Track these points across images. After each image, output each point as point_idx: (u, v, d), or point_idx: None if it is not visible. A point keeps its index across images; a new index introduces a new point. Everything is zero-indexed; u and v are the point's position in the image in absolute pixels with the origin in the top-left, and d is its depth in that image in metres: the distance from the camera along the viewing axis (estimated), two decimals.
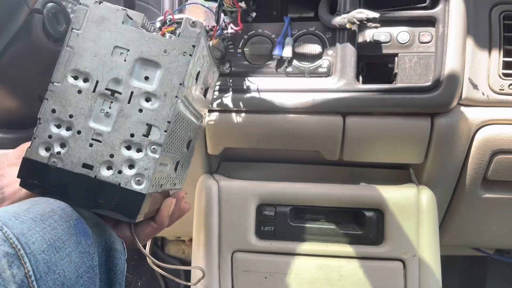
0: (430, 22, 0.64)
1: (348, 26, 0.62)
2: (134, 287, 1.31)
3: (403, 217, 0.66)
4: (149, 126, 0.40)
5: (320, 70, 0.65)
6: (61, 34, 0.62)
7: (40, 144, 0.39)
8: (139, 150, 0.40)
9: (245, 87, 0.66)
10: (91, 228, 0.40)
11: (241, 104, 0.66)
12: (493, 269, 1.25)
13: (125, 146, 0.40)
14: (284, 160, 0.76)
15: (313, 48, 0.65)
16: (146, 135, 0.40)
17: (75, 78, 0.40)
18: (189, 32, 0.40)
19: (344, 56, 0.64)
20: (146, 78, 0.40)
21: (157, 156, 0.40)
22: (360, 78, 0.66)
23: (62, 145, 0.40)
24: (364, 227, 0.67)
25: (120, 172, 0.40)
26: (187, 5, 0.62)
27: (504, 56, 0.65)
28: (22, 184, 0.41)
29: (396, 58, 0.65)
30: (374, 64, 0.69)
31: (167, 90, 0.40)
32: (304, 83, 0.65)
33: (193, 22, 0.40)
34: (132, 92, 0.40)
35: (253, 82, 0.66)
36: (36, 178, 0.40)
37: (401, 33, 0.64)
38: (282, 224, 0.68)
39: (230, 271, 0.68)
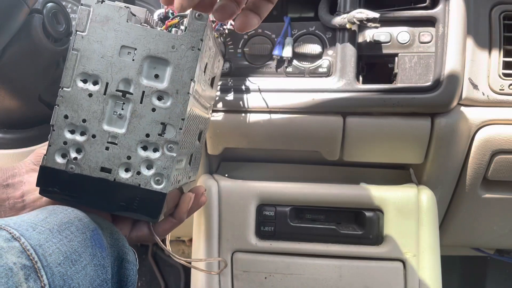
0: (430, 22, 0.64)
1: (348, 26, 0.62)
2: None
3: (403, 217, 0.66)
4: (164, 125, 0.39)
5: (320, 70, 0.65)
6: (61, 34, 0.62)
7: (56, 151, 0.39)
8: (155, 150, 0.40)
9: (245, 87, 0.66)
10: (106, 239, 0.39)
11: (241, 104, 0.66)
12: (493, 269, 1.25)
13: (141, 147, 0.39)
14: (284, 160, 0.76)
15: (313, 48, 0.65)
16: (162, 134, 0.39)
17: (84, 81, 0.39)
18: (195, 25, 0.39)
19: (344, 56, 0.64)
20: (156, 76, 0.39)
21: (174, 154, 0.40)
22: (360, 78, 0.66)
23: (78, 151, 0.39)
24: (364, 227, 0.67)
25: (138, 173, 0.39)
26: None
27: (504, 56, 0.65)
28: (42, 192, 0.40)
29: (396, 58, 0.65)
30: (374, 64, 0.70)
31: (178, 87, 0.39)
32: (304, 83, 0.65)
33: (198, 15, 0.39)
34: (143, 92, 0.39)
35: (253, 82, 0.66)
36: (56, 185, 0.39)
37: (401, 33, 0.64)
38: (282, 224, 0.68)
39: (230, 271, 0.68)
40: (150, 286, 1.33)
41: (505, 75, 0.64)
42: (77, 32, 0.39)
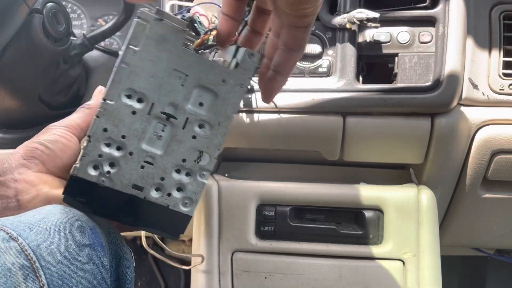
0: (430, 22, 0.65)
1: (348, 26, 0.62)
2: (134, 287, 1.31)
3: (403, 217, 0.66)
4: (201, 153, 0.40)
5: (320, 70, 0.65)
6: (61, 34, 0.62)
7: (89, 163, 0.38)
8: (188, 174, 0.40)
9: None
10: (104, 237, 0.39)
11: (241, 104, 0.66)
12: (493, 269, 1.25)
13: (175, 170, 0.40)
14: (284, 160, 0.76)
15: (313, 48, 0.65)
16: (197, 161, 0.40)
17: (129, 97, 0.38)
18: (248, 64, 0.39)
19: (344, 56, 0.64)
20: (201, 104, 0.39)
21: (205, 181, 0.40)
22: (360, 78, 0.66)
23: (112, 165, 0.38)
24: (364, 227, 0.67)
25: (169, 194, 0.40)
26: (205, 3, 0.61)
27: (504, 56, 0.65)
28: (67, 201, 0.39)
29: (396, 58, 0.65)
30: (374, 64, 0.70)
31: (221, 120, 0.40)
32: (304, 83, 0.65)
33: (252, 54, 0.39)
34: (187, 118, 0.39)
35: (253, 82, 0.66)
36: (83, 196, 0.39)
37: (401, 33, 0.64)
38: (282, 224, 0.68)
39: (230, 271, 0.68)
40: (150, 286, 1.33)
41: (505, 75, 0.64)
42: (129, 46, 0.37)
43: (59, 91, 0.69)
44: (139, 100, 0.38)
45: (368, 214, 0.67)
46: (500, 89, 0.65)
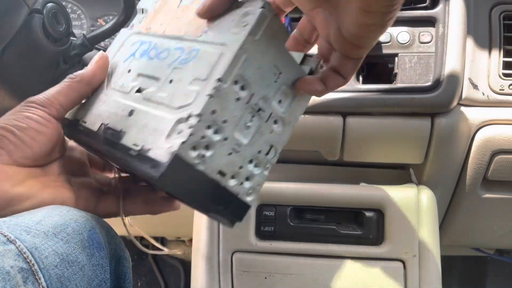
0: (430, 22, 0.65)
1: None
2: (134, 287, 1.31)
3: (403, 217, 0.66)
4: (271, 147, 0.42)
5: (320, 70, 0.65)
6: (61, 34, 0.62)
7: (193, 143, 0.36)
8: (257, 166, 0.41)
9: None
10: (104, 237, 0.39)
11: None
12: (493, 269, 1.25)
13: (249, 160, 0.40)
14: (284, 160, 0.76)
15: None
16: (267, 154, 0.41)
17: (235, 83, 0.38)
18: (319, 73, 0.42)
19: None
20: (280, 101, 0.41)
21: (267, 173, 0.42)
22: (360, 78, 0.66)
23: (207, 147, 0.37)
24: (364, 227, 0.67)
25: (241, 183, 0.40)
26: None
27: (504, 56, 0.65)
28: (161, 177, 0.35)
29: (396, 58, 0.65)
30: (374, 64, 0.70)
31: (291, 119, 0.42)
32: None
33: (322, 65, 0.41)
34: (271, 113, 0.40)
35: None
36: (177, 177, 0.36)
37: (401, 33, 0.64)
38: (282, 224, 0.68)
39: (230, 271, 0.68)
40: (150, 286, 1.33)
41: (505, 75, 0.64)
42: (250, 34, 0.37)
43: None
44: (242, 88, 0.38)
45: (368, 214, 0.67)
46: (500, 89, 0.65)
